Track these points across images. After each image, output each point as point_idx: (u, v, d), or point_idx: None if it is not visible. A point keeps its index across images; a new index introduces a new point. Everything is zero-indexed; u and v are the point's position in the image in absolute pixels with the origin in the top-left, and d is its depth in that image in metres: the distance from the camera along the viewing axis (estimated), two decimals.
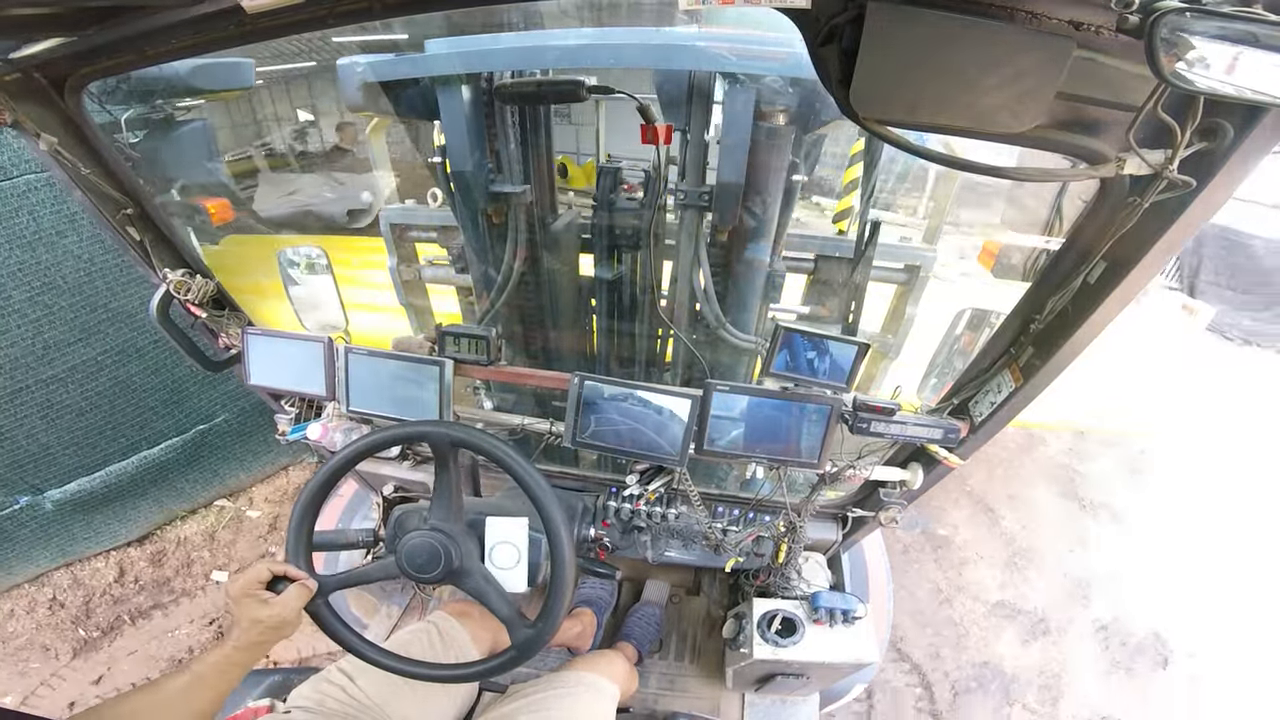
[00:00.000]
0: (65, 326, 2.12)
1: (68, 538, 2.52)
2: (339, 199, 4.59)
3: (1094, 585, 2.88)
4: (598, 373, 1.21)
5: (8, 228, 1.90)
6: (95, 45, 0.86)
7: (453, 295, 2.38)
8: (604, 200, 1.68)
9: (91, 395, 2.29)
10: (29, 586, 2.56)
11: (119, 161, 1.09)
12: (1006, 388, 1.03)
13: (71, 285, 2.08)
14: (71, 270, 2.06)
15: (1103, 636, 2.69)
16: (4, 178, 1.85)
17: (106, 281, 2.15)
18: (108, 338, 2.25)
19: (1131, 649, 2.65)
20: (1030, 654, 2.59)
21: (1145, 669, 2.59)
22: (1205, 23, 0.46)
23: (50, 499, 2.36)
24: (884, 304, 2.03)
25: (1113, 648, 2.65)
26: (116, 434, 2.43)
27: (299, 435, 1.41)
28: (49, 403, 2.20)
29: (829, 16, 0.60)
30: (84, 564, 2.65)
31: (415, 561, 1.00)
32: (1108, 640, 2.68)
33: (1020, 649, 2.60)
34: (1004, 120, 0.61)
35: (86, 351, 2.21)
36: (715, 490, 1.55)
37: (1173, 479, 3.55)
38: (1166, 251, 0.73)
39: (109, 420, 2.39)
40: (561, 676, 1.29)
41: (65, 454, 2.33)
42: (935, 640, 2.60)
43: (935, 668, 2.51)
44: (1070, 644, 2.64)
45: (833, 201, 4.80)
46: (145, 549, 2.76)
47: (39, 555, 2.50)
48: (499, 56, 1.37)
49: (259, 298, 1.65)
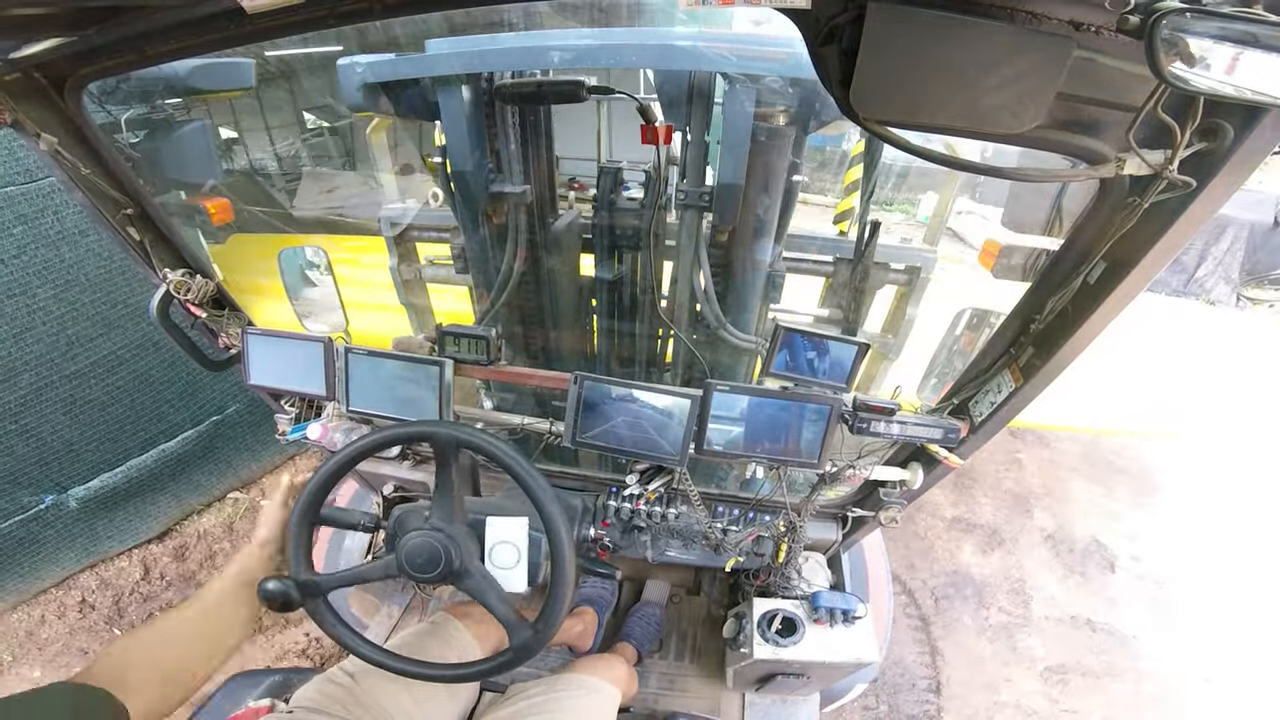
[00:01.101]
0: (87, 322, 2.16)
1: (91, 537, 2.53)
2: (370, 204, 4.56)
3: (1031, 500, 3.21)
4: (598, 373, 1.21)
5: (34, 228, 1.95)
6: (95, 45, 0.86)
7: (452, 295, 2.38)
8: (604, 200, 1.69)
9: (113, 389, 2.32)
10: (56, 591, 2.55)
11: (119, 161, 1.09)
12: (1006, 388, 1.03)
13: (93, 281, 2.13)
14: (93, 267, 2.11)
15: (1050, 544, 2.98)
16: (29, 180, 1.90)
17: (125, 277, 2.20)
18: (127, 332, 2.28)
19: (1079, 554, 2.94)
20: (991, 562, 2.86)
21: (1096, 572, 2.87)
22: (1205, 23, 0.46)
23: (74, 497, 2.37)
24: (884, 305, 2.04)
25: (1062, 554, 2.94)
26: (136, 428, 2.46)
27: (299, 435, 1.41)
28: (73, 398, 2.22)
29: (829, 16, 0.60)
30: (108, 564, 2.65)
31: (415, 561, 1.00)
32: (1056, 548, 2.96)
33: (982, 558, 2.87)
34: (1004, 120, 0.61)
35: (108, 345, 2.25)
36: (715, 490, 1.55)
37: (1085, 395, 3.80)
38: (1167, 252, 0.73)
39: (130, 414, 2.41)
40: (563, 679, 1.29)
41: (89, 450, 2.36)
42: (906, 553, 2.88)
43: (913, 577, 2.78)
44: (1024, 552, 2.93)
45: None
46: (167, 545, 2.77)
47: (64, 557, 2.51)
48: (499, 56, 1.37)
49: (264, 298, 1.65)
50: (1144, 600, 2.74)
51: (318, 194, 4.72)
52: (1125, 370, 3.84)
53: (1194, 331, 5.24)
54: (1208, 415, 3.80)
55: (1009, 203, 6.22)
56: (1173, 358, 4.26)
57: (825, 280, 2.01)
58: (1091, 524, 3.09)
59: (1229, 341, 5.20)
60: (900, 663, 2.39)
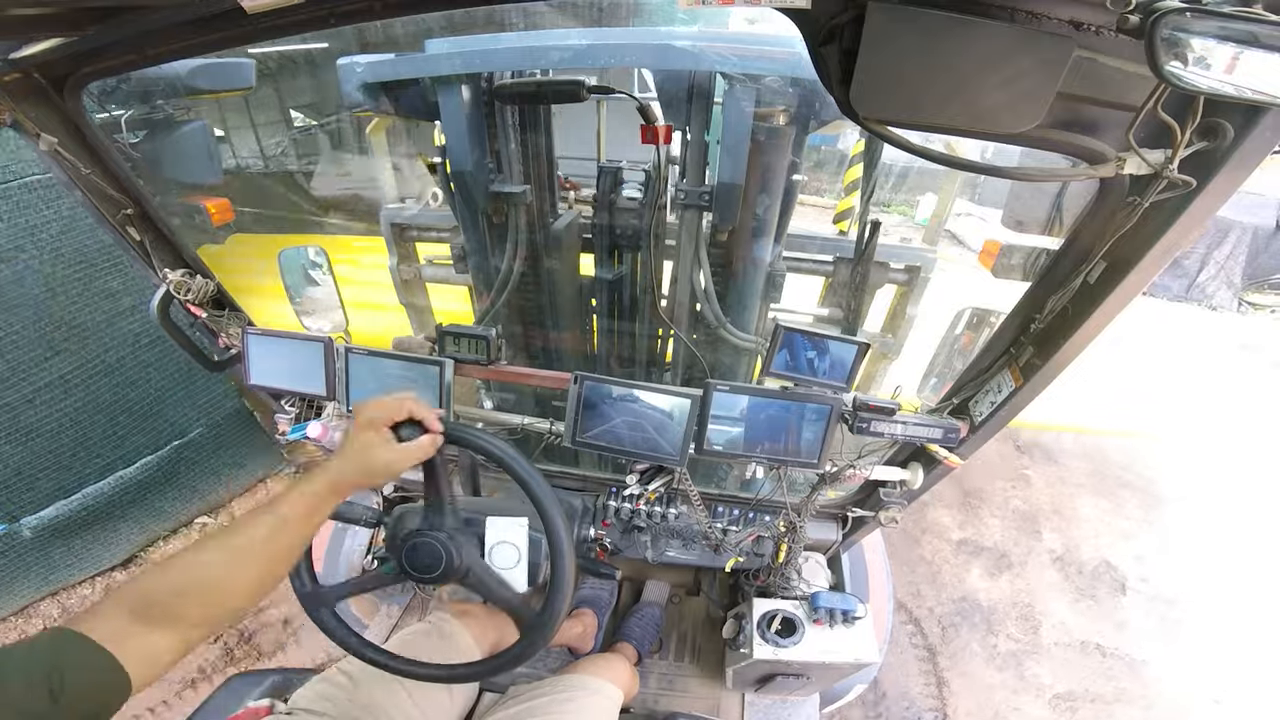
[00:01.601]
0: (30, 346, 2.05)
1: (49, 565, 2.43)
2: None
3: (1040, 519, 3.12)
4: (598, 373, 1.21)
5: None
6: (95, 45, 0.86)
7: (452, 295, 2.38)
8: (604, 200, 1.68)
9: (63, 415, 2.22)
10: (16, 619, 2.47)
11: (119, 161, 1.09)
12: (1006, 388, 1.03)
13: (33, 302, 2.00)
14: (33, 286, 1.98)
15: (1060, 566, 2.88)
16: None
17: (70, 296, 2.08)
18: (73, 355, 2.17)
19: (1089, 576, 2.85)
20: (1000, 586, 2.77)
21: (1106, 595, 2.78)
22: (1205, 23, 0.46)
23: (28, 525, 2.28)
24: (885, 304, 2.04)
25: (1071, 576, 2.84)
26: (91, 454, 2.36)
27: (299, 435, 1.41)
28: (19, 426, 2.12)
29: (829, 16, 0.60)
30: (70, 591, 2.56)
31: (417, 562, 1.00)
32: (1065, 569, 2.87)
33: (990, 582, 2.78)
34: (1004, 120, 0.61)
35: (55, 370, 2.14)
36: (715, 490, 1.55)
37: (1091, 409, 3.78)
38: (1167, 252, 0.73)
39: (83, 440, 2.31)
40: (563, 679, 1.28)
41: (42, 478, 2.26)
42: (913, 578, 2.78)
43: (919, 605, 2.67)
44: (1033, 575, 2.83)
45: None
46: (131, 571, 2.67)
47: (21, 586, 2.41)
48: (499, 56, 1.38)
49: (263, 298, 1.64)
50: (1154, 621, 2.68)
51: (334, 177, 4.74)
52: (1125, 375, 3.85)
53: (1196, 337, 5.25)
54: (1209, 420, 3.81)
55: (1009, 202, 6.21)
56: (1173, 363, 4.28)
57: (825, 280, 2.01)
58: (1101, 544, 3.01)
59: (1230, 348, 5.22)
60: (906, 694, 2.33)
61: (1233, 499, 3.42)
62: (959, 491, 3.19)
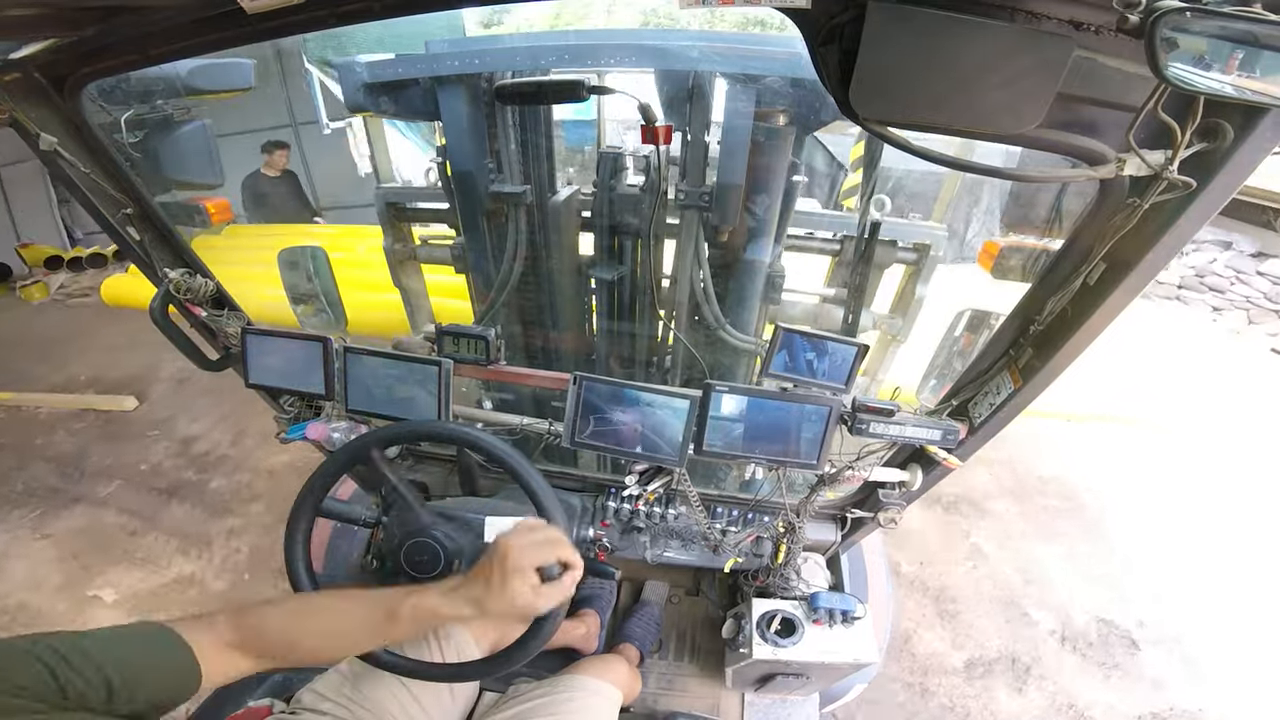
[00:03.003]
0: None
1: None
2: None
3: (1020, 598, 2.81)
4: (597, 373, 1.21)
5: None
6: (95, 45, 0.86)
7: (448, 280, 2.31)
8: (603, 185, 1.67)
9: None
10: None
11: (119, 161, 1.09)
12: (1006, 389, 1.02)
13: None
14: None
15: (1070, 646, 2.62)
16: None
17: None
18: None
19: (1100, 645, 2.63)
20: (1032, 698, 2.44)
21: (1125, 656, 2.58)
22: (1205, 23, 0.46)
23: None
24: (893, 286, 1.97)
25: (1084, 652, 2.60)
26: None
27: (298, 435, 1.41)
28: None
29: (829, 16, 0.60)
30: None
31: (414, 561, 1.00)
32: (1075, 646, 2.62)
33: (1022, 699, 2.43)
34: (1004, 120, 0.61)
35: None
36: (714, 491, 1.55)
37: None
38: (1167, 253, 0.73)
39: None
40: (564, 680, 1.28)
41: None
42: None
43: None
44: (1051, 667, 2.53)
45: None
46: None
47: None
48: (499, 56, 1.38)
49: (256, 285, 1.64)
50: (1178, 666, 2.51)
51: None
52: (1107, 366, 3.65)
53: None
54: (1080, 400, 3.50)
55: (1008, 203, 6.20)
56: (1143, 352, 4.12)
57: (831, 259, 1.96)
58: (1086, 603, 2.79)
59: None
60: None
61: (1139, 491, 3.37)
62: (931, 601, 2.79)
